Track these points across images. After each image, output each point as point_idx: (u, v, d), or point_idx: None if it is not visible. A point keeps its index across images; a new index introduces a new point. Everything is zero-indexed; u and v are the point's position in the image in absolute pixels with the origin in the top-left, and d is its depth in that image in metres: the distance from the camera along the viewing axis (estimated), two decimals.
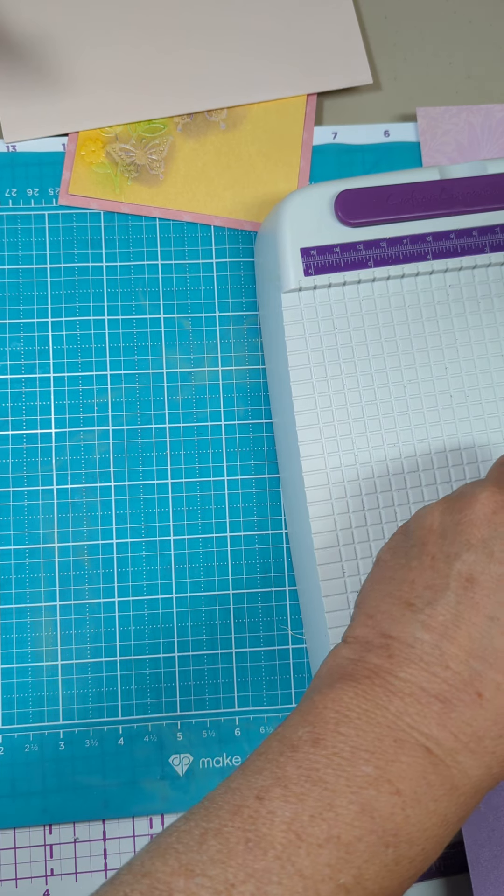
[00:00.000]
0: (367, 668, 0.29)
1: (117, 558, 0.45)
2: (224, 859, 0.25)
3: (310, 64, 0.49)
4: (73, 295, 0.46)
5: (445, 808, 0.27)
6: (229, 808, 0.27)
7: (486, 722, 0.28)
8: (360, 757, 0.27)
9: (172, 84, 0.48)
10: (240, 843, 0.26)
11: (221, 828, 0.26)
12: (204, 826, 0.27)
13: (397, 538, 0.34)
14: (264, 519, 0.46)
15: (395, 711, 0.28)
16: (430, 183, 0.43)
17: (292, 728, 0.29)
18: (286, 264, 0.42)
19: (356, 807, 0.26)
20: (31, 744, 0.43)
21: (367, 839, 0.26)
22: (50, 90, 0.48)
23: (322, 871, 0.25)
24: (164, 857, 0.26)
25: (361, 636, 0.31)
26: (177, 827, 0.27)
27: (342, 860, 0.26)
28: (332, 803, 0.26)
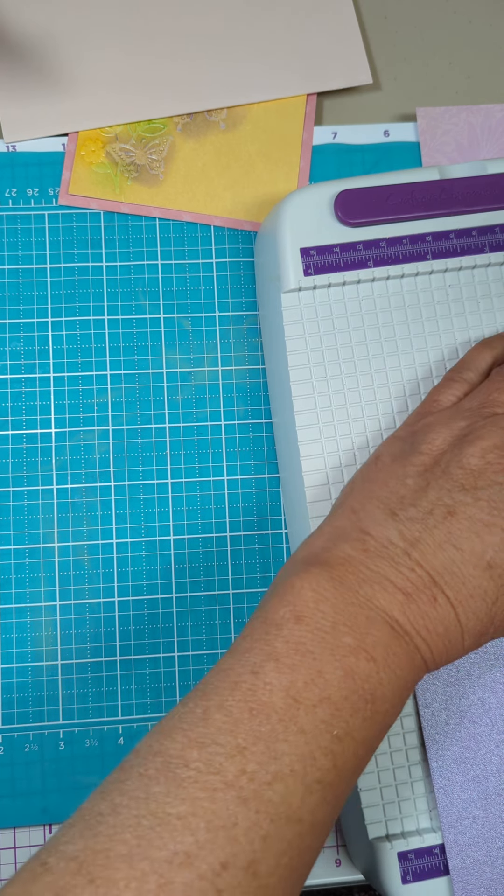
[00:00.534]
0: (341, 556, 0.33)
1: (117, 558, 0.45)
2: (231, 728, 0.29)
3: (310, 64, 0.49)
4: (73, 295, 0.46)
5: (406, 674, 0.32)
6: (227, 686, 0.30)
7: (435, 621, 0.32)
8: (339, 630, 0.31)
9: (172, 84, 0.48)
10: (244, 713, 0.29)
11: (223, 702, 0.30)
12: (204, 704, 0.30)
13: (402, 445, 0.38)
14: (264, 519, 0.46)
15: (365, 595, 0.32)
16: (429, 183, 0.43)
17: (273, 609, 0.32)
18: (286, 264, 0.42)
19: (341, 672, 0.30)
20: (31, 743, 0.43)
21: (351, 698, 0.30)
22: (50, 90, 0.48)
23: (319, 726, 0.29)
24: (170, 736, 0.29)
25: (339, 526, 0.35)
26: (176, 711, 0.30)
27: (334, 716, 0.30)
28: (321, 670, 0.30)
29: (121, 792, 0.28)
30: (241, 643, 0.32)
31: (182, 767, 0.28)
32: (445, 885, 0.38)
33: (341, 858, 0.43)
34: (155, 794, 0.28)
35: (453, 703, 0.39)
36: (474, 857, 0.38)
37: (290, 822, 0.28)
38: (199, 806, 0.27)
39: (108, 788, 0.29)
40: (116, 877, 0.26)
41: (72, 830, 0.28)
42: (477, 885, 0.38)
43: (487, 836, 0.38)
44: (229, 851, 0.27)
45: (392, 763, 0.39)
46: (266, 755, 0.29)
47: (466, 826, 0.38)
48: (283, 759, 0.29)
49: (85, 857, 0.27)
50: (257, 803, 0.28)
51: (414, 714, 0.40)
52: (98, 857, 0.27)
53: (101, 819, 0.28)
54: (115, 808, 0.28)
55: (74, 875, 0.26)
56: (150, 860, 0.27)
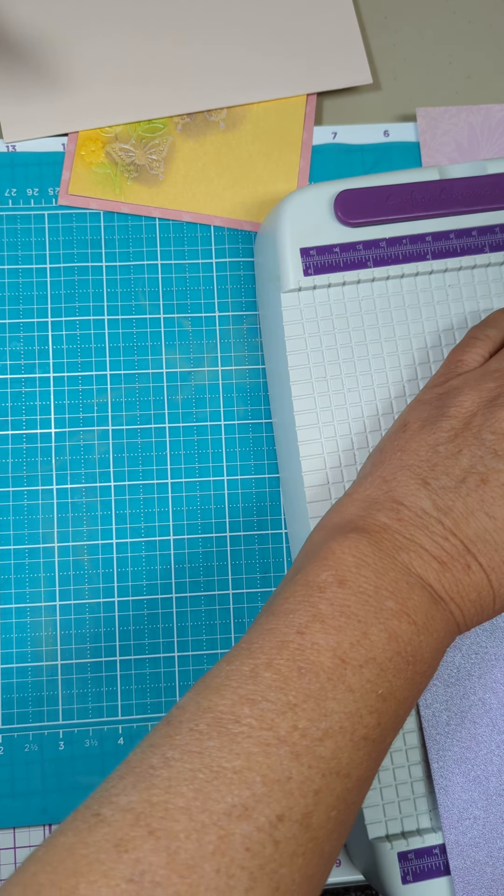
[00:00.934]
0: (377, 524, 0.34)
1: (117, 558, 0.45)
2: (281, 686, 0.29)
3: (310, 64, 0.49)
4: (73, 295, 0.46)
5: (442, 637, 0.33)
6: (273, 645, 0.31)
7: (468, 587, 0.33)
8: (382, 594, 0.32)
9: (172, 84, 0.48)
10: (293, 671, 0.30)
11: (271, 661, 0.30)
12: (252, 662, 0.30)
13: (430, 410, 0.37)
14: (264, 519, 0.46)
15: (403, 561, 0.33)
16: (429, 183, 0.43)
17: (314, 573, 0.33)
18: (286, 264, 0.42)
19: (385, 634, 0.31)
20: (31, 743, 0.43)
21: (395, 659, 0.31)
22: (50, 90, 0.48)
23: (365, 685, 0.30)
24: (219, 692, 0.30)
25: (371, 495, 0.35)
26: (221, 668, 0.31)
27: (379, 676, 0.31)
28: (366, 632, 0.31)
29: (172, 746, 0.29)
30: (284, 604, 0.32)
31: (234, 723, 0.29)
32: (445, 885, 0.38)
33: (341, 858, 0.43)
34: (209, 748, 0.28)
35: (454, 704, 0.39)
36: (475, 857, 0.38)
37: (340, 777, 0.29)
38: (253, 760, 0.28)
39: (157, 742, 0.29)
40: (176, 829, 0.26)
41: (122, 782, 0.28)
42: (478, 886, 0.38)
43: (488, 837, 0.38)
44: (285, 805, 0.28)
45: (392, 763, 0.39)
46: (316, 712, 0.29)
47: (467, 826, 0.38)
48: (332, 717, 0.29)
49: (142, 809, 0.27)
50: (310, 758, 0.29)
51: (414, 714, 0.40)
52: (156, 810, 0.27)
53: (153, 772, 0.28)
54: (168, 762, 0.28)
55: (132, 826, 0.26)
56: (209, 812, 0.27)
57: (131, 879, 0.25)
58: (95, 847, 0.26)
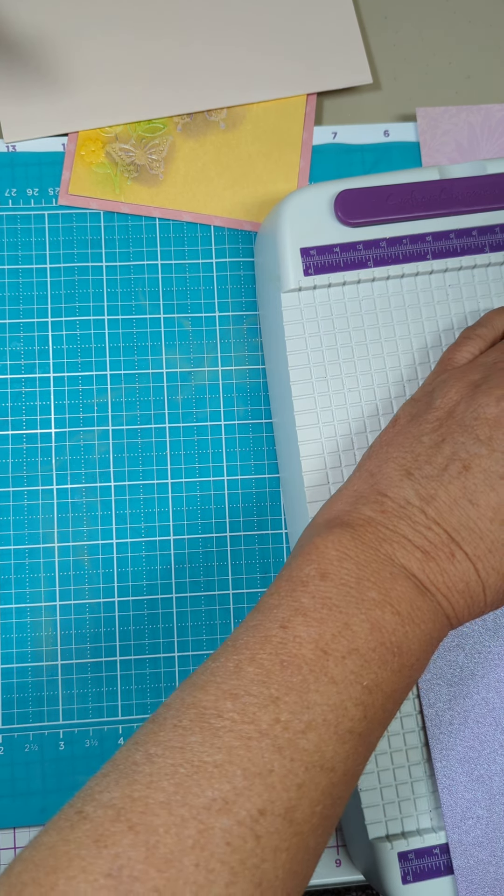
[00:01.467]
0: (361, 518, 0.34)
1: (117, 558, 0.45)
2: (264, 679, 0.29)
3: (310, 64, 0.49)
4: (73, 295, 0.46)
5: (430, 629, 0.32)
6: (257, 640, 0.31)
7: (454, 577, 0.33)
8: (364, 585, 0.32)
9: (172, 84, 0.48)
10: (275, 665, 0.30)
11: (254, 656, 0.30)
12: (236, 658, 0.30)
13: (417, 406, 0.38)
14: (264, 519, 0.46)
15: (386, 553, 0.33)
16: (429, 183, 0.43)
17: (297, 567, 0.33)
18: (286, 264, 0.42)
19: (368, 625, 0.31)
20: (31, 743, 0.43)
21: (379, 650, 0.31)
22: (50, 90, 0.48)
23: (349, 677, 0.30)
24: (203, 688, 0.30)
25: (357, 489, 0.36)
26: (206, 666, 0.31)
27: (362, 667, 0.30)
28: (348, 623, 0.31)
29: (155, 742, 0.29)
30: (268, 600, 0.32)
31: (216, 718, 0.29)
32: (446, 885, 0.38)
33: (341, 858, 0.43)
34: (190, 743, 0.28)
35: (457, 703, 0.39)
36: (478, 856, 0.38)
37: (324, 771, 0.29)
38: (234, 754, 0.28)
39: (141, 739, 0.29)
40: (156, 823, 0.26)
41: (106, 780, 0.28)
42: (481, 885, 0.38)
43: (492, 836, 0.38)
44: (266, 798, 0.28)
45: (392, 763, 0.39)
46: (299, 705, 0.29)
47: (471, 826, 0.38)
48: (315, 709, 0.29)
49: (123, 805, 0.27)
50: (292, 751, 0.28)
51: (414, 714, 0.40)
52: (136, 805, 0.27)
53: (136, 768, 0.28)
54: (151, 758, 0.28)
55: (113, 822, 0.27)
56: (188, 806, 0.27)
57: (109, 874, 0.26)
58: (76, 843, 0.26)
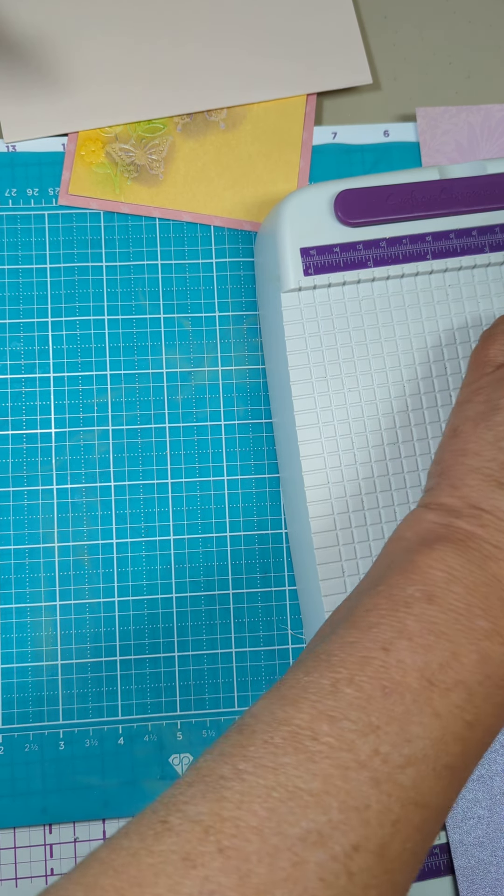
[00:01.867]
0: (461, 533, 0.32)
1: (117, 558, 0.45)
2: (363, 705, 0.28)
3: (309, 63, 0.49)
4: (73, 295, 0.46)
5: None
6: (355, 660, 0.29)
7: None
8: (474, 612, 0.30)
9: (172, 84, 0.48)
10: (376, 691, 0.28)
11: (353, 677, 0.28)
12: (332, 676, 0.28)
13: (476, 408, 0.36)
14: (264, 519, 0.46)
15: (493, 574, 0.31)
16: (429, 183, 0.43)
17: (399, 586, 0.31)
18: (286, 264, 0.42)
19: (476, 656, 0.29)
20: (31, 743, 0.43)
21: (485, 683, 0.29)
22: (50, 90, 0.48)
23: (453, 711, 0.28)
24: (296, 705, 0.28)
25: (447, 504, 0.33)
26: (298, 679, 0.29)
27: (467, 701, 0.29)
28: (456, 653, 0.29)
29: (244, 757, 0.27)
30: (366, 617, 0.30)
31: (312, 740, 0.27)
32: (446, 885, 0.38)
33: None
34: (284, 765, 0.27)
35: None
36: (479, 856, 0.38)
37: (419, 808, 0.27)
38: (331, 784, 0.26)
39: (228, 751, 0.28)
40: (248, 849, 0.25)
41: (191, 790, 0.26)
42: (482, 885, 0.38)
43: (493, 836, 0.38)
44: (361, 834, 0.26)
45: None
46: (400, 737, 0.27)
47: (472, 826, 0.38)
48: (416, 743, 0.28)
49: (211, 823, 0.25)
50: (390, 786, 0.27)
51: None
52: (226, 825, 0.25)
53: (224, 783, 0.26)
54: (240, 775, 0.27)
55: (202, 840, 0.25)
56: (282, 836, 0.25)
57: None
58: (162, 857, 0.25)
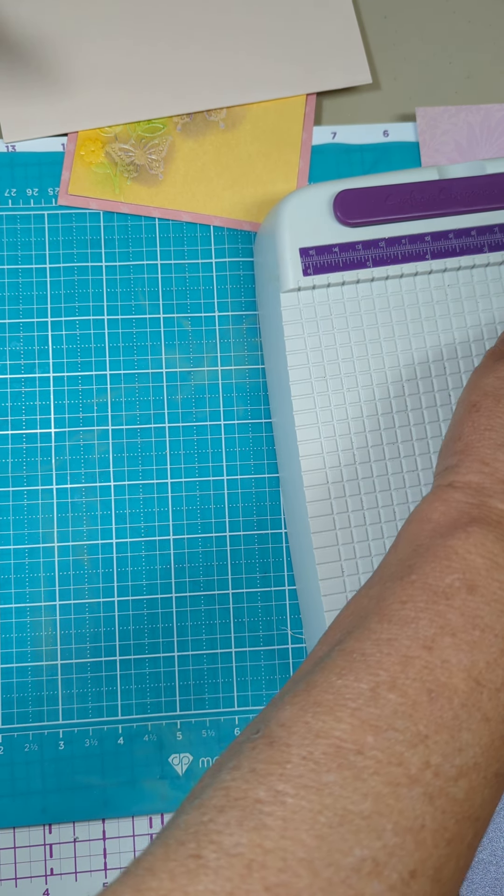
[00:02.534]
0: (496, 513, 0.30)
1: (117, 558, 0.45)
2: (409, 712, 0.25)
3: (309, 63, 0.49)
4: (72, 295, 0.46)
5: None
6: (396, 660, 0.26)
7: None
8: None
9: (172, 84, 0.48)
10: (422, 695, 0.25)
11: (394, 680, 0.26)
12: (372, 680, 0.26)
13: (495, 382, 0.34)
14: (264, 519, 0.46)
15: None
16: (428, 183, 0.43)
17: (435, 576, 0.28)
18: (285, 264, 0.42)
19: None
20: (31, 743, 0.43)
21: None
22: (49, 90, 0.48)
23: (501, 713, 0.26)
24: (334, 714, 0.25)
25: (476, 482, 0.31)
26: (330, 682, 0.26)
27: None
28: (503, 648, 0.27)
29: (282, 777, 0.24)
30: (401, 610, 0.28)
31: (357, 755, 0.24)
32: None
33: None
34: (329, 784, 0.24)
35: None
36: (479, 856, 0.38)
37: (471, 822, 0.25)
38: (383, 803, 0.24)
39: (261, 769, 0.24)
40: (298, 886, 0.22)
41: (224, 817, 0.23)
42: (482, 885, 0.38)
43: (492, 836, 0.38)
44: (418, 858, 0.23)
45: None
46: (451, 746, 0.25)
47: None
48: (467, 752, 0.25)
49: (254, 857, 0.22)
50: (443, 802, 0.24)
51: None
52: (271, 859, 0.22)
53: (262, 808, 0.23)
54: (280, 797, 0.23)
55: (244, 878, 0.22)
56: (335, 867, 0.22)
57: None
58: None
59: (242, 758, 0.25)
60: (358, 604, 0.30)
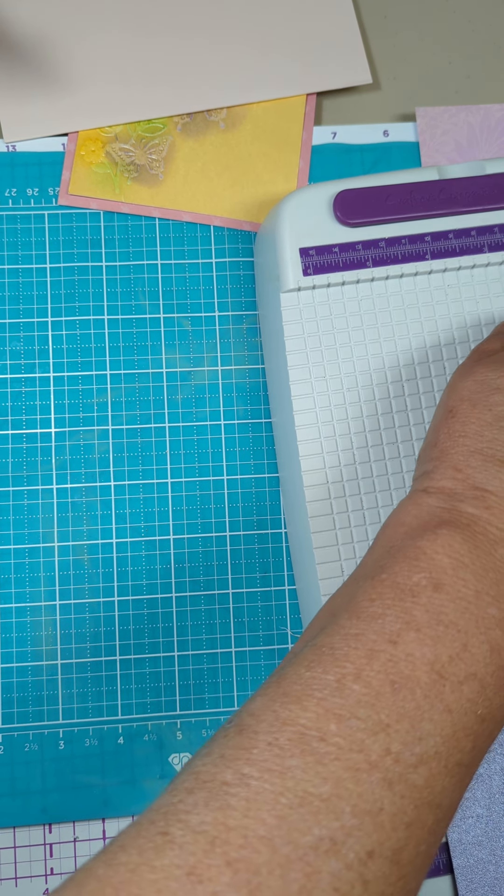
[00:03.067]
0: (465, 516, 0.30)
1: (117, 558, 0.45)
2: (372, 702, 0.26)
3: (309, 63, 0.49)
4: (72, 295, 0.46)
5: None
6: (362, 654, 0.27)
7: None
8: (483, 600, 0.28)
9: (172, 84, 0.48)
10: (385, 686, 0.26)
11: (360, 672, 0.27)
12: (337, 671, 0.27)
13: (472, 386, 0.35)
14: (264, 518, 0.46)
15: (501, 557, 0.29)
16: (428, 183, 0.43)
17: (403, 574, 0.29)
18: (285, 264, 0.42)
19: (487, 646, 0.28)
20: (31, 743, 0.43)
21: (497, 674, 0.28)
22: (50, 90, 0.48)
23: (465, 705, 0.27)
24: (300, 703, 0.26)
25: (448, 487, 0.32)
26: (299, 674, 0.27)
27: (479, 694, 0.27)
28: (467, 644, 0.28)
29: (248, 761, 0.25)
30: (369, 607, 0.29)
31: (320, 741, 0.25)
32: (445, 884, 0.38)
33: None
34: (291, 768, 0.25)
35: None
36: (478, 855, 0.38)
37: (432, 808, 0.26)
38: (343, 787, 0.25)
39: (230, 754, 0.26)
40: (258, 861, 0.23)
41: (192, 797, 0.25)
42: (481, 884, 0.38)
43: (491, 835, 0.38)
44: (375, 839, 0.25)
45: None
46: (411, 735, 0.26)
47: (470, 825, 0.38)
48: (428, 741, 0.26)
49: (217, 833, 0.23)
50: (402, 787, 0.25)
51: None
52: (233, 836, 0.23)
53: (228, 790, 0.24)
54: (245, 780, 0.25)
55: (207, 853, 0.23)
56: (293, 845, 0.24)
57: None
58: (165, 873, 0.23)
59: (214, 745, 0.26)
60: (333, 602, 0.31)
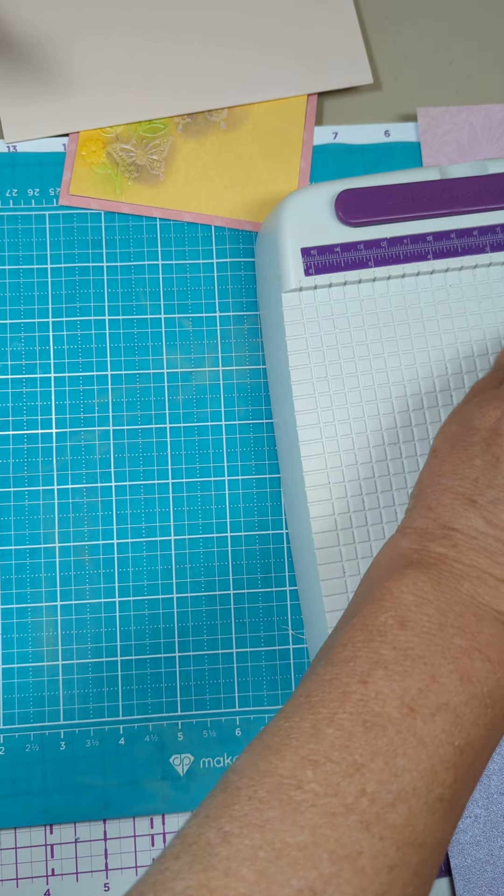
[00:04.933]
0: (433, 556, 0.31)
1: (117, 558, 0.45)
2: (346, 743, 0.26)
3: (310, 63, 0.49)
4: (73, 295, 0.46)
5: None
6: (334, 697, 0.28)
7: None
8: (448, 632, 0.29)
9: (173, 84, 0.48)
10: (357, 726, 0.27)
11: (333, 716, 0.27)
12: (312, 718, 0.27)
13: (454, 429, 0.35)
14: (264, 519, 0.46)
15: (467, 592, 0.30)
16: (430, 183, 0.43)
17: (371, 615, 0.30)
18: (286, 264, 0.42)
19: (456, 675, 0.28)
20: (32, 744, 0.43)
21: (471, 703, 0.28)
22: (50, 90, 0.48)
23: (439, 736, 0.27)
24: (278, 753, 0.27)
25: (421, 527, 0.33)
26: (279, 726, 0.28)
27: (454, 724, 0.27)
28: (435, 675, 0.28)
29: (230, 818, 0.25)
30: (342, 652, 0.29)
31: (296, 789, 0.26)
32: (443, 884, 0.38)
33: None
34: (270, 820, 0.25)
35: None
36: (476, 855, 0.38)
37: (415, 847, 0.26)
38: (319, 834, 0.25)
39: (214, 813, 0.26)
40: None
41: (178, 863, 0.25)
42: (479, 884, 0.38)
43: (489, 835, 0.38)
44: (357, 885, 0.24)
45: None
46: (386, 772, 0.26)
47: (468, 825, 0.38)
48: (404, 777, 0.26)
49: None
50: (381, 828, 0.25)
51: None
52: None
53: (210, 850, 0.25)
54: (226, 838, 0.25)
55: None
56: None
57: None
58: None
59: (202, 805, 0.27)
60: (320, 651, 0.32)
